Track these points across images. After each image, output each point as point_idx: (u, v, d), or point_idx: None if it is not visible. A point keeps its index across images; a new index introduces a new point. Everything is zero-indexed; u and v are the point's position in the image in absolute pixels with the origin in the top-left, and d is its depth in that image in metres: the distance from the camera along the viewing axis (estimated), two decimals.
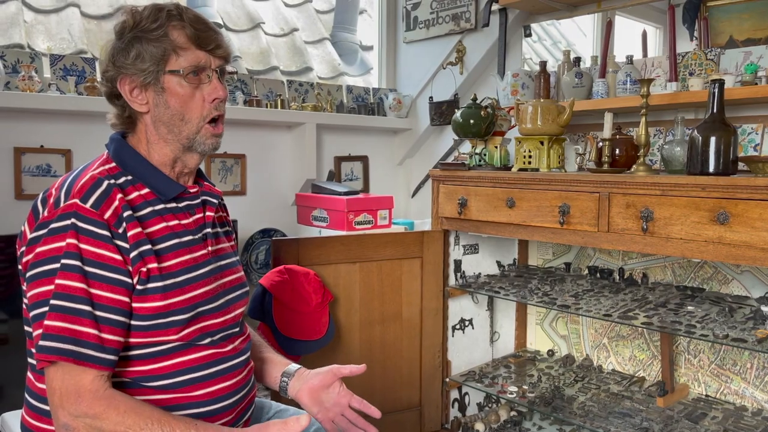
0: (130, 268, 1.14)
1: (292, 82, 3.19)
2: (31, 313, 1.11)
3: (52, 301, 1.08)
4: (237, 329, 1.34)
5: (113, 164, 1.22)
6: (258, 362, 1.46)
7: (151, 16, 1.21)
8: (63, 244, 1.09)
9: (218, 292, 1.29)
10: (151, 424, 1.07)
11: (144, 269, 1.15)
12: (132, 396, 1.13)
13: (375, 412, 1.36)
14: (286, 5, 3.68)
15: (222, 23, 3.25)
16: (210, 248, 1.30)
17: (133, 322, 1.15)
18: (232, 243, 1.43)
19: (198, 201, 1.30)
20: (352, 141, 3.38)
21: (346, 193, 2.78)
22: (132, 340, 1.16)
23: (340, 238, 2.36)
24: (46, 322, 1.07)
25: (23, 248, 1.16)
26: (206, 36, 1.23)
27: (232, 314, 1.32)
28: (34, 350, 1.10)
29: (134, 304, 1.15)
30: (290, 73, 3.40)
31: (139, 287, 1.14)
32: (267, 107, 2.97)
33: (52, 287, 1.08)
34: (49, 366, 1.08)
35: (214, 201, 1.34)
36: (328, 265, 2.28)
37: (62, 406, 1.07)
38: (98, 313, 1.10)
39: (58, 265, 1.09)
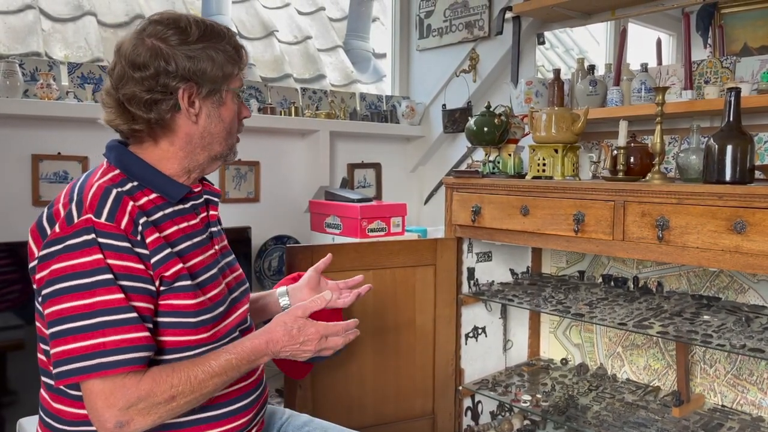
0: (152, 273, 1.13)
1: (305, 90, 3.21)
2: (50, 330, 1.07)
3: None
4: (246, 326, 1.35)
5: (117, 171, 1.20)
6: (253, 304, 1.51)
7: (214, 28, 1.23)
8: (88, 259, 1.07)
9: (226, 292, 1.29)
10: (190, 370, 1.11)
11: (167, 273, 1.14)
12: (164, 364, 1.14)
13: (358, 279, 1.56)
14: (300, 13, 3.70)
15: (237, 31, 3.27)
16: (217, 247, 1.31)
17: (163, 319, 1.15)
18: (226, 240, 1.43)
19: (201, 200, 1.31)
20: (365, 148, 3.39)
21: (359, 200, 2.78)
22: (164, 338, 1.16)
23: (353, 245, 2.36)
24: (80, 343, 1.04)
25: (35, 263, 1.12)
26: (246, 59, 1.29)
27: (238, 312, 1.32)
28: (55, 369, 1.06)
29: (163, 302, 1.15)
30: (304, 80, 3.42)
31: (162, 288, 1.14)
32: (281, 114, 2.99)
33: (77, 303, 1.05)
34: (86, 380, 1.05)
35: (216, 200, 1.35)
36: (341, 272, 2.26)
37: (109, 406, 1.04)
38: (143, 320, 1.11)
39: (86, 281, 1.06)
